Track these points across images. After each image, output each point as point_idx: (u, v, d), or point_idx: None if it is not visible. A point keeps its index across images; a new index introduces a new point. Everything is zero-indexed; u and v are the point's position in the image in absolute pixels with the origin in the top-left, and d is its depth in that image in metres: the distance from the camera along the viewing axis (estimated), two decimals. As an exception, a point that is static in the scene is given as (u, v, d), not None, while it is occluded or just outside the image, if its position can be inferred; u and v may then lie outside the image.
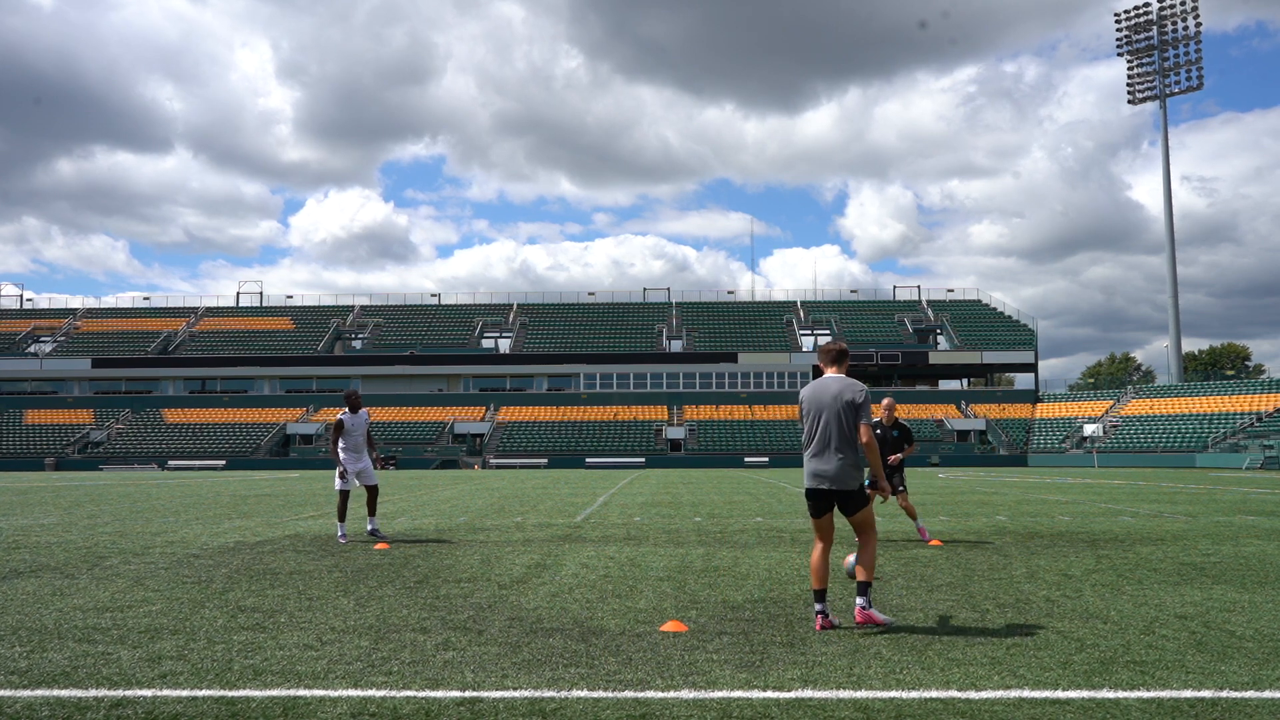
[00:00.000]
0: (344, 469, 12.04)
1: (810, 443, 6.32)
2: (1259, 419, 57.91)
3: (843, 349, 6.54)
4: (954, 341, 75.82)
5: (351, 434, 12.05)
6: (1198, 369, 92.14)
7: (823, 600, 6.18)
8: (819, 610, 6.15)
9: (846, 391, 6.27)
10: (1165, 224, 70.93)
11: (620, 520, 14.97)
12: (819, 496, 6.28)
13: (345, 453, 12.03)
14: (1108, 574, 8.64)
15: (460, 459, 65.05)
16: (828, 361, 6.51)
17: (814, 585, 6.22)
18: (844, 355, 6.50)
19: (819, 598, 6.18)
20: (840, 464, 6.18)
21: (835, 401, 6.26)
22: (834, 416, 6.24)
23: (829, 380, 6.38)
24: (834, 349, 6.51)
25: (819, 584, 6.19)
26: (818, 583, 6.20)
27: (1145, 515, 15.81)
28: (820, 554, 6.25)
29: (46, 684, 4.83)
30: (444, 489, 27.86)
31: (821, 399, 6.31)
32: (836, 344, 6.57)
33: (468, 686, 4.76)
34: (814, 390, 6.38)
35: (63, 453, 66.44)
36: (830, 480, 6.20)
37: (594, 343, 78.10)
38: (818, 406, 6.32)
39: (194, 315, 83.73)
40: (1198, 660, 5.28)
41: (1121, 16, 71.23)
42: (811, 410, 6.34)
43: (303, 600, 7.31)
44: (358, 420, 12.11)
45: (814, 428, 6.31)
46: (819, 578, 6.19)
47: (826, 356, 6.53)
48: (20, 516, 16.49)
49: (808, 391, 6.42)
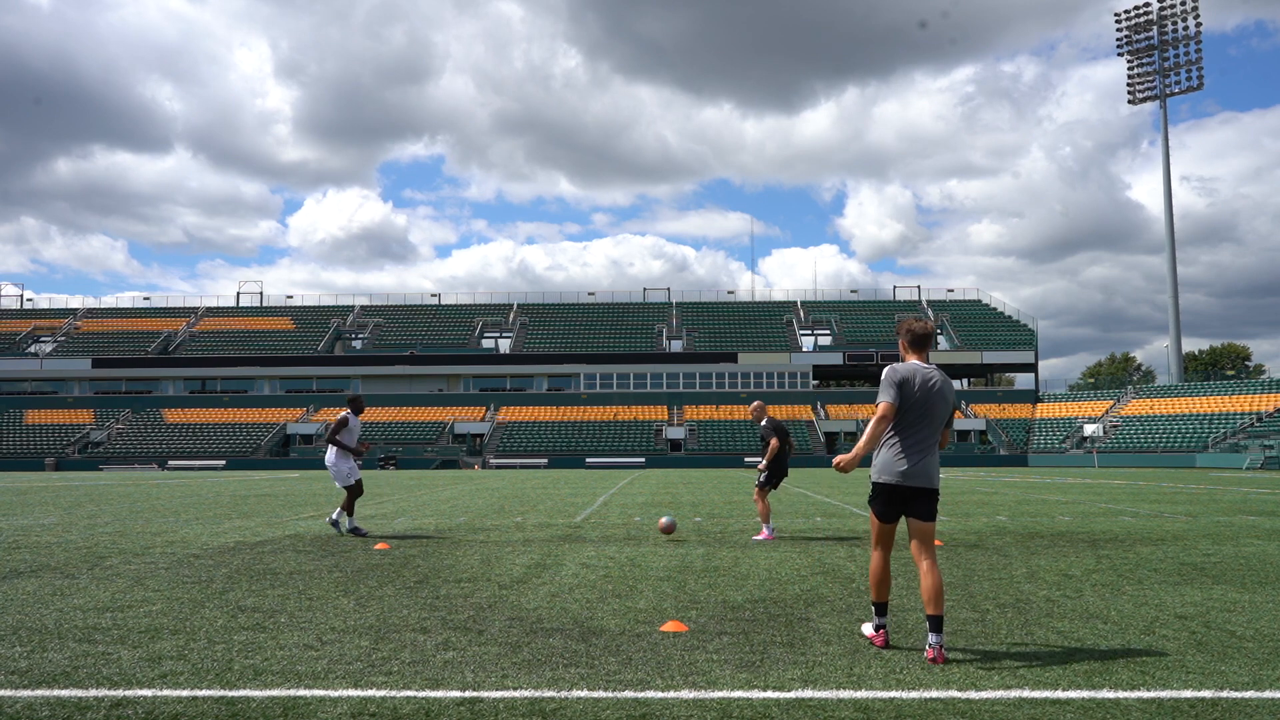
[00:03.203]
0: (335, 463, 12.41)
1: (912, 435, 5.59)
2: (1259, 419, 57.90)
3: (932, 331, 5.84)
4: (954, 341, 75.82)
5: (352, 434, 12.35)
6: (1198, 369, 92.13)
7: (884, 614, 5.71)
8: (880, 625, 5.69)
9: (949, 388, 5.72)
10: (1165, 224, 70.98)
11: (620, 520, 14.97)
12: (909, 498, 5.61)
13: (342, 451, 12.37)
14: (1108, 574, 8.64)
15: (460, 459, 65.03)
16: (920, 346, 5.77)
17: (878, 598, 5.70)
18: (931, 339, 5.84)
19: (881, 611, 5.70)
20: (932, 464, 5.65)
21: (943, 397, 5.65)
22: (941, 413, 5.65)
23: (933, 370, 5.67)
24: (926, 331, 5.79)
25: (884, 596, 5.70)
26: (883, 594, 5.70)
27: (1145, 515, 15.81)
28: (885, 561, 5.73)
29: (47, 684, 4.82)
30: (444, 489, 27.85)
31: (932, 391, 5.60)
32: (926, 325, 5.81)
33: (468, 686, 4.76)
34: (922, 381, 5.60)
35: (63, 453, 66.44)
36: (925, 478, 5.59)
37: (594, 343, 78.10)
38: (928, 398, 5.60)
39: (194, 315, 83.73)
40: (1198, 660, 5.28)
41: (1121, 16, 71.25)
42: (918, 403, 5.59)
43: (303, 600, 7.31)
44: (357, 424, 12.48)
45: (923, 420, 5.59)
46: (886, 588, 5.71)
47: (920, 340, 5.78)
48: (20, 516, 16.48)
49: (914, 380, 5.59)
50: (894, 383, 5.60)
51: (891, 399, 5.56)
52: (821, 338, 78.88)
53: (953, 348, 75.31)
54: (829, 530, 13.21)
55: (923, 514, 5.62)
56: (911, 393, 5.59)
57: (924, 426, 5.61)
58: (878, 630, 5.69)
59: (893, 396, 5.57)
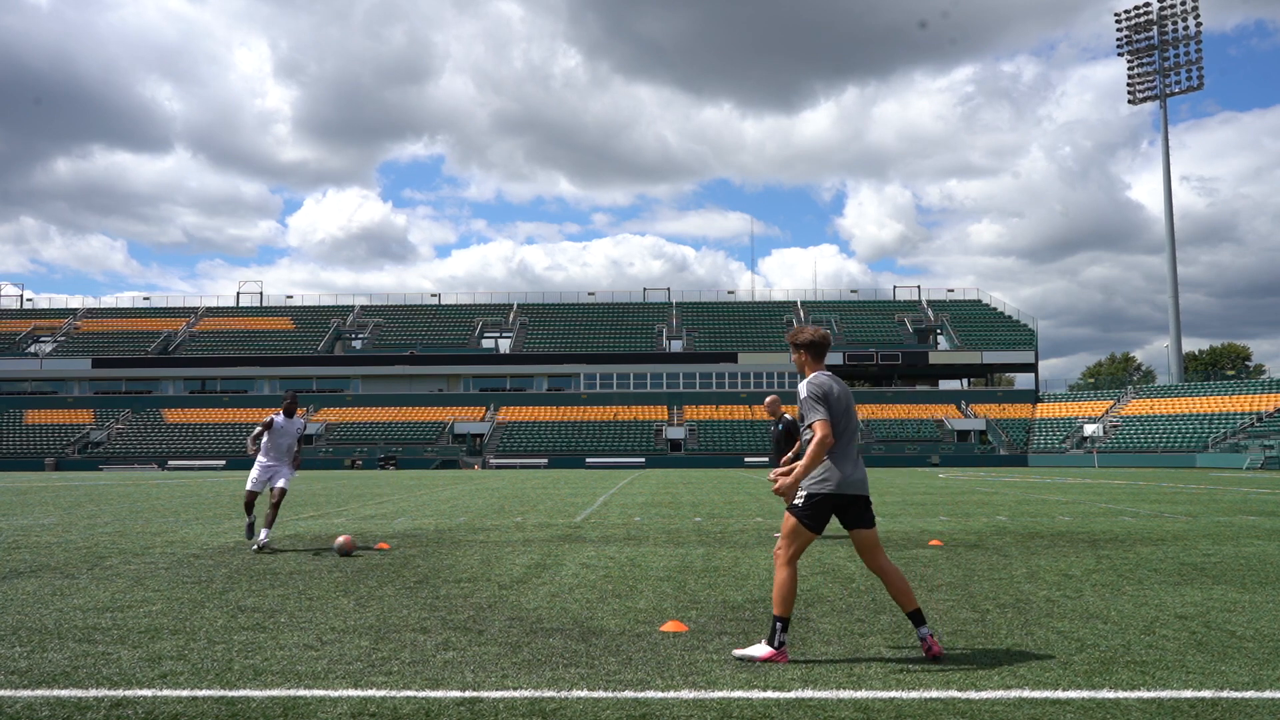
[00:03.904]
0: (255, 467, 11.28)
1: (845, 446, 5.56)
2: (1259, 419, 57.90)
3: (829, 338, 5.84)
4: (954, 341, 75.81)
5: (277, 438, 11.26)
6: (1198, 369, 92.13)
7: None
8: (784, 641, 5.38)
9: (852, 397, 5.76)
10: (1165, 224, 70.99)
11: (620, 520, 14.97)
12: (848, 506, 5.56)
13: (264, 455, 11.26)
14: (1108, 574, 8.64)
15: (460, 459, 65.04)
16: (822, 355, 5.77)
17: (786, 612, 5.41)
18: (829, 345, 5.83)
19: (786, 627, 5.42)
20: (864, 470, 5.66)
21: (852, 401, 5.71)
22: (856, 417, 5.69)
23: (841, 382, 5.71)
24: (827, 338, 5.80)
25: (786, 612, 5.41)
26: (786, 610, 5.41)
27: (1146, 515, 15.81)
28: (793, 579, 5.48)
29: (47, 684, 4.82)
30: (444, 489, 27.86)
31: (845, 400, 5.62)
32: (825, 332, 5.80)
33: (468, 686, 4.76)
34: (841, 388, 5.64)
35: (63, 453, 66.44)
36: (864, 485, 5.61)
37: (594, 343, 78.10)
38: (850, 406, 5.62)
39: (194, 315, 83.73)
40: (1198, 660, 5.28)
41: (1121, 16, 71.25)
42: (847, 410, 5.60)
43: (303, 600, 7.31)
44: (289, 427, 11.33)
45: (847, 431, 5.58)
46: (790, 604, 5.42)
47: (825, 349, 5.79)
48: (20, 516, 16.49)
49: (836, 389, 5.59)
50: (823, 399, 5.51)
51: (825, 416, 5.46)
52: (822, 338, 78.76)
53: (953, 348, 75.30)
54: (828, 530, 13.19)
55: (866, 522, 5.57)
56: (839, 403, 5.56)
57: (852, 434, 5.60)
58: (779, 647, 5.33)
59: (825, 414, 5.47)
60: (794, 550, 5.49)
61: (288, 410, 11.34)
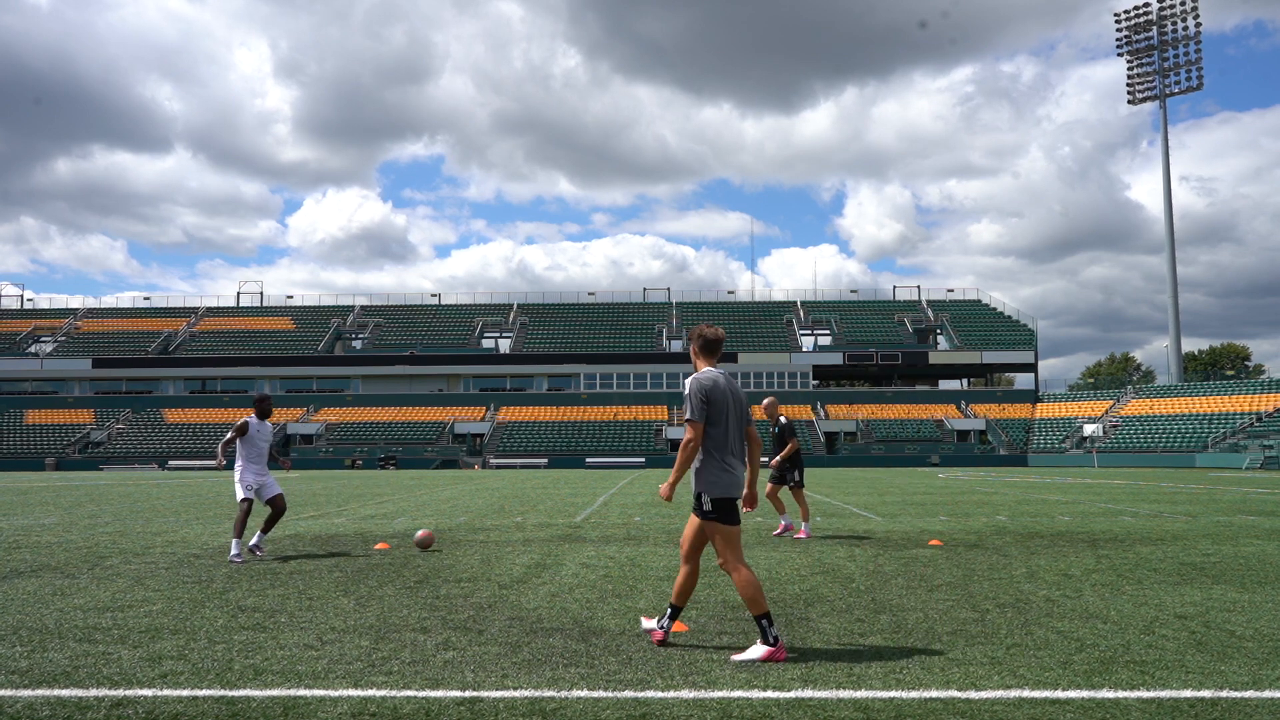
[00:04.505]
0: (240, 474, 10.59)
1: (728, 448, 5.56)
2: (1259, 419, 57.90)
3: (723, 337, 5.80)
4: (954, 341, 75.80)
5: (254, 443, 10.62)
6: (1198, 369, 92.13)
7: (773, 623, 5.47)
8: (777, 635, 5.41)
9: (741, 391, 5.76)
10: (1165, 224, 70.99)
11: (620, 520, 14.97)
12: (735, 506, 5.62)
13: (246, 462, 10.57)
14: (1108, 574, 8.64)
15: (460, 459, 65.03)
16: (713, 352, 5.75)
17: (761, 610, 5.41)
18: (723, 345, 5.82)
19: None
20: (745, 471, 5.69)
21: (741, 402, 5.69)
22: (744, 418, 5.70)
23: (729, 377, 5.70)
24: (718, 337, 5.75)
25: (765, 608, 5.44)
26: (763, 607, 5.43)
27: (1145, 515, 15.82)
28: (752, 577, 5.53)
29: (47, 684, 4.83)
30: (444, 489, 27.86)
31: (730, 398, 5.61)
32: (717, 331, 5.77)
33: (468, 686, 4.76)
34: (726, 386, 5.60)
35: (63, 453, 66.43)
36: (741, 488, 5.63)
37: (594, 343, 78.09)
38: (735, 405, 5.63)
39: (194, 315, 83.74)
40: (1198, 660, 5.28)
41: (1121, 17, 71.27)
42: (730, 409, 5.59)
43: (303, 600, 7.31)
44: (264, 430, 10.71)
45: (732, 429, 5.59)
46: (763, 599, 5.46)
47: (715, 346, 5.74)
48: (21, 516, 16.49)
49: (720, 387, 5.56)
50: (701, 396, 5.51)
51: (698, 415, 5.49)
52: (821, 338, 78.87)
53: (953, 348, 75.29)
54: (829, 530, 13.20)
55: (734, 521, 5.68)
56: (720, 402, 5.56)
57: (738, 434, 5.64)
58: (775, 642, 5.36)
59: (699, 413, 5.49)
60: (735, 553, 5.59)
61: (261, 412, 10.76)
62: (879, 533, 12.78)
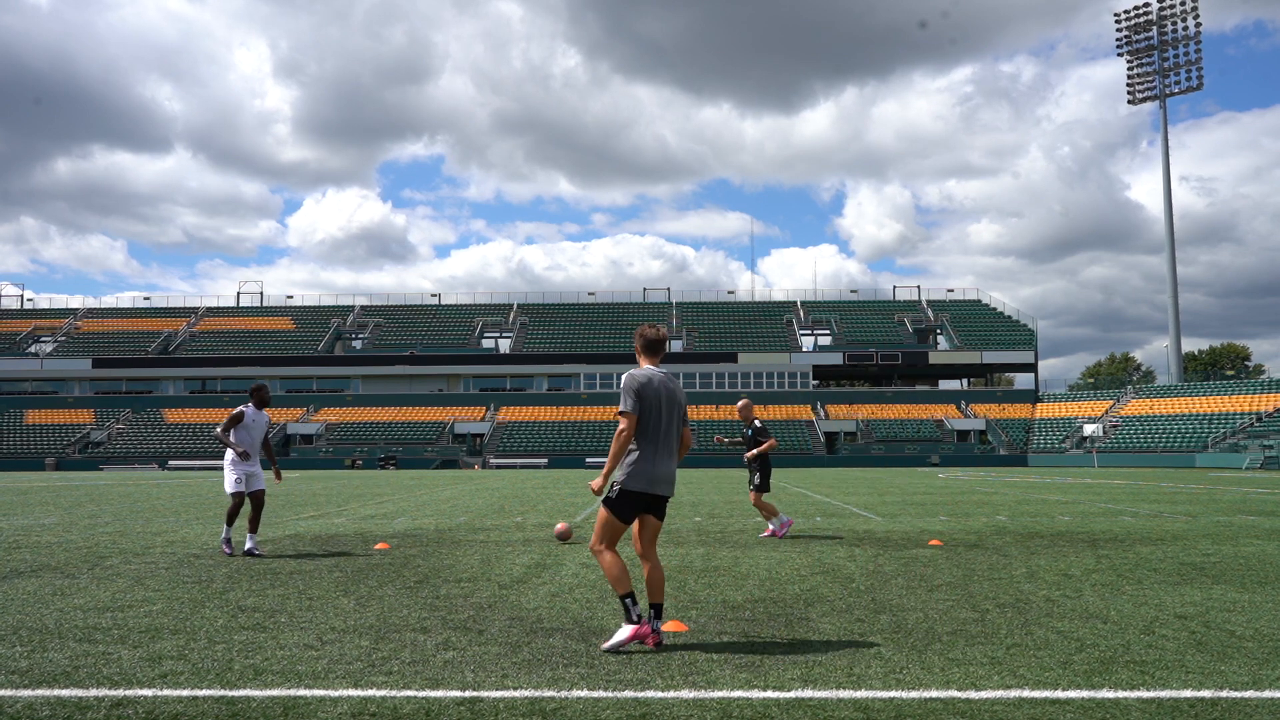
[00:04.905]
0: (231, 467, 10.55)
1: (653, 443, 5.69)
2: (1259, 419, 57.90)
3: (666, 336, 5.98)
4: (954, 341, 75.82)
5: (249, 432, 10.55)
6: (1198, 369, 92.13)
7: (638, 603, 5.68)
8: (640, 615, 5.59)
9: (680, 389, 5.90)
10: (1165, 224, 71.00)
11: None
12: (647, 502, 5.75)
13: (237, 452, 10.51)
14: (1108, 574, 8.64)
15: (460, 459, 65.04)
16: (654, 351, 5.88)
17: (626, 589, 5.59)
18: (665, 344, 5.96)
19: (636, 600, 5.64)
20: (674, 469, 5.84)
21: (677, 402, 5.83)
22: (675, 415, 5.82)
23: (668, 377, 5.84)
24: (659, 337, 5.90)
25: (630, 585, 5.63)
26: (629, 584, 5.63)
27: (1145, 515, 15.82)
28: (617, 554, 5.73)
29: (47, 684, 4.83)
30: (444, 489, 27.86)
31: (666, 393, 5.74)
32: (659, 330, 5.94)
33: (468, 686, 4.76)
34: (660, 384, 5.74)
35: (63, 453, 66.44)
36: (669, 485, 5.79)
37: (594, 343, 78.09)
38: (668, 404, 5.75)
39: (194, 315, 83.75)
40: (1198, 660, 5.28)
41: (1121, 17, 71.29)
42: (663, 407, 5.72)
43: (303, 600, 7.31)
44: (259, 419, 10.64)
45: (661, 427, 5.72)
46: (628, 578, 5.65)
47: (655, 346, 5.89)
48: (21, 516, 16.49)
49: (653, 384, 5.71)
50: (633, 391, 5.67)
51: (631, 408, 5.64)
52: (821, 338, 78.89)
53: (952, 348, 75.30)
54: (829, 530, 13.21)
55: (659, 515, 5.86)
56: (652, 398, 5.69)
57: (667, 432, 5.76)
58: (638, 620, 5.52)
59: (632, 406, 5.65)
60: (607, 542, 5.73)
61: (259, 401, 10.67)
62: (879, 533, 12.78)
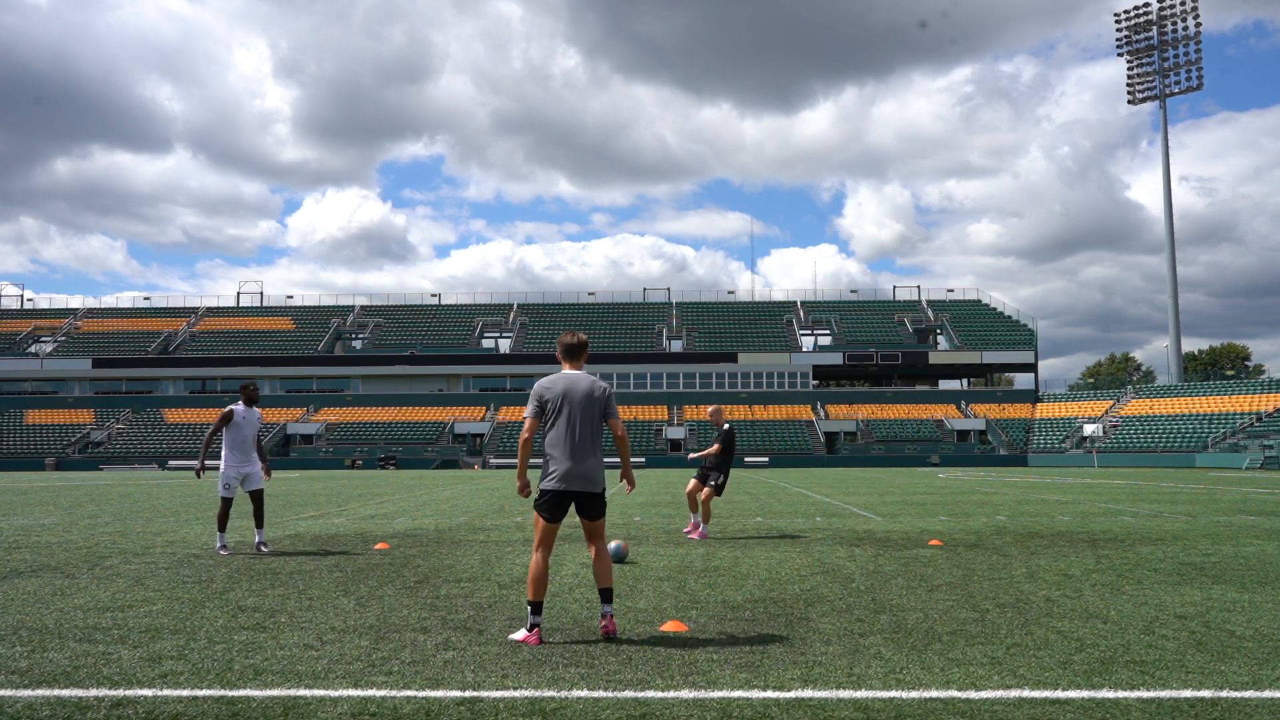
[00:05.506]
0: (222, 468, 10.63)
1: (563, 441, 5.95)
2: (1259, 419, 57.90)
3: (584, 341, 6.31)
4: (954, 341, 75.81)
5: (241, 430, 10.54)
6: (1198, 369, 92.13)
7: (540, 613, 5.85)
8: (536, 623, 5.77)
9: (597, 388, 6.09)
10: (1165, 224, 70.99)
11: (620, 520, 14.97)
12: (568, 500, 6.00)
13: (230, 451, 10.53)
14: (1108, 574, 8.64)
15: (460, 459, 65.03)
16: (571, 355, 6.22)
17: (535, 596, 5.83)
18: (585, 348, 6.28)
19: (538, 610, 5.82)
20: (596, 464, 6.03)
21: (589, 398, 6.03)
22: (590, 414, 6.02)
23: (578, 376, 6.10)
24: (576, 342, 6.24)
25: (541, 595, 5.85)
26: (540, 594, 5.85)
27: (1145, 515, 15.82)
28: (545, 562, 5.97)
29: (47, 684, 4.83)
30: (444, 489, 27.86)
31: (574, 394, 6.00)
32: (577, 336, 6.28)
33: (468, 686, 4.76)
34: (565, 385, 6.03)
35: (63, 453, 66.43)
36: (586, 481, 5.99)
37: (594, 343, 78.02)
38: (570, 402, 5.99)
39: (194, 315, 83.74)
40: (1198, 660, 5.28)
41: (1121, 17, 71.28)
42: (564, 406, 5.99)
43: (303, 600, 7.31)
44: (250, 416, 10.62)
45: (569, 425, 5.96)
46: (542, 588, 5.87)
47: (571, 350, 6.23)
48: (21, 516, 16.49)
49: (557, 386, 6.03)
50: (534, 396, 6.08)
51: (531, 413, 6.06)
52: (821, 338, 78.88)
53: (952, 348, 75.29)
54: (829, 530, 13.21)
55: (591, 514, 6.12)
56: (553, 401, 6.01)
57: (576, 431, 5.98)
58: (532, 630, 5.75)
59: (532, 410, 6.05)
60: (537, 542, 6.03)
61: (249, 398, 10.64)
62: (879, 533, 12.78)
